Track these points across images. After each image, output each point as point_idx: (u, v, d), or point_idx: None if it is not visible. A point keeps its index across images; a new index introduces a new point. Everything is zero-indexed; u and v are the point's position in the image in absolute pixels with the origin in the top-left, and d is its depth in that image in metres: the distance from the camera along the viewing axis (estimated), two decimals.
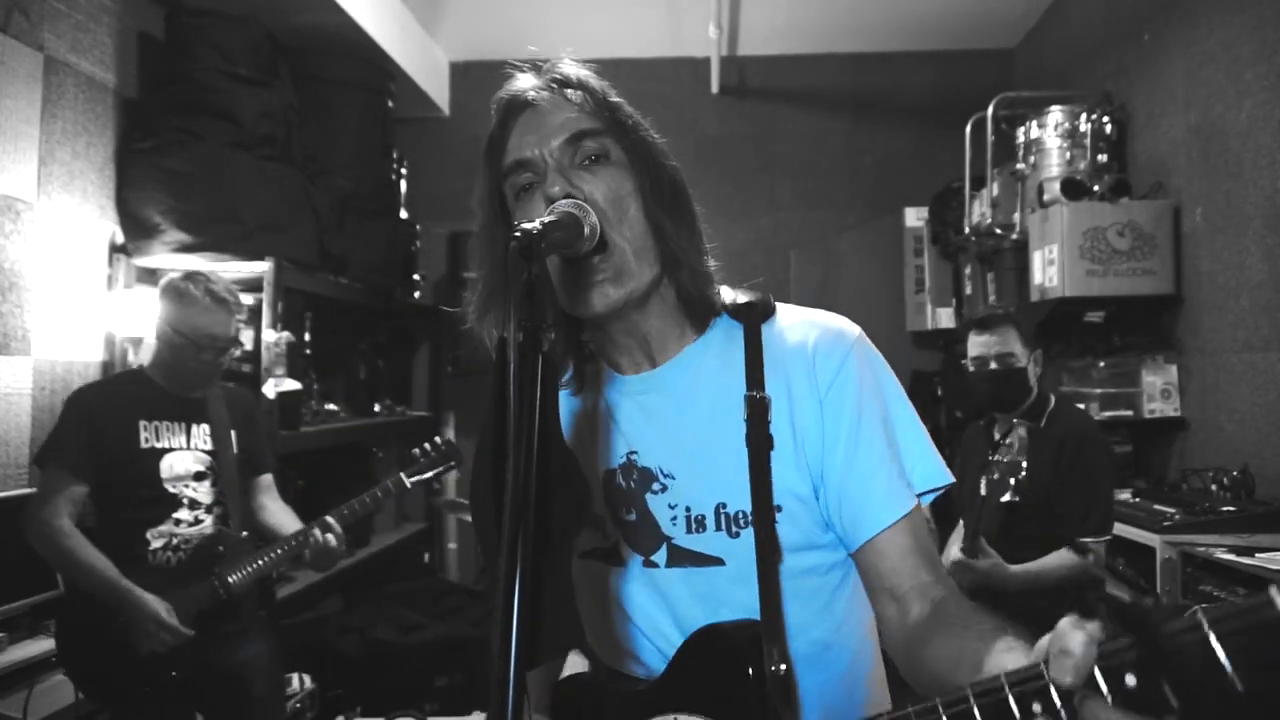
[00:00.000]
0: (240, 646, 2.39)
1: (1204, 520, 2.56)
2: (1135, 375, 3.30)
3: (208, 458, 2.39)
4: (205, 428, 2.40)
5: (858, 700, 1.00)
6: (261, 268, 3.23)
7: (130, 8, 3.36)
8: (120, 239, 3.25)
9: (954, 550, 2.32)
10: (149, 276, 3.33)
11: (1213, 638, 0.51)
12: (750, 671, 0.88)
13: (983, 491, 2.32)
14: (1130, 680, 0.54)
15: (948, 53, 5.05)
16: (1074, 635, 0.56)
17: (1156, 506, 2.74)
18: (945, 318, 4.62)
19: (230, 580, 2.27)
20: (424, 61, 4.82)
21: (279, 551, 2.33)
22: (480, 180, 0.99)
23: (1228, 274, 3.00)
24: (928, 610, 0.89)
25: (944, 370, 4.72)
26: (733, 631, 0.92)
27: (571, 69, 0.98)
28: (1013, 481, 2.28)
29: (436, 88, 5.05)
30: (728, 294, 1.03)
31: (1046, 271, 3.40)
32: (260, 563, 2.31)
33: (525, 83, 0.97)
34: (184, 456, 2.35)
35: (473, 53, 5.15)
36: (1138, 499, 2.93)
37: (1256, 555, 2.25)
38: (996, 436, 2.52)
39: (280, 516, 2.49)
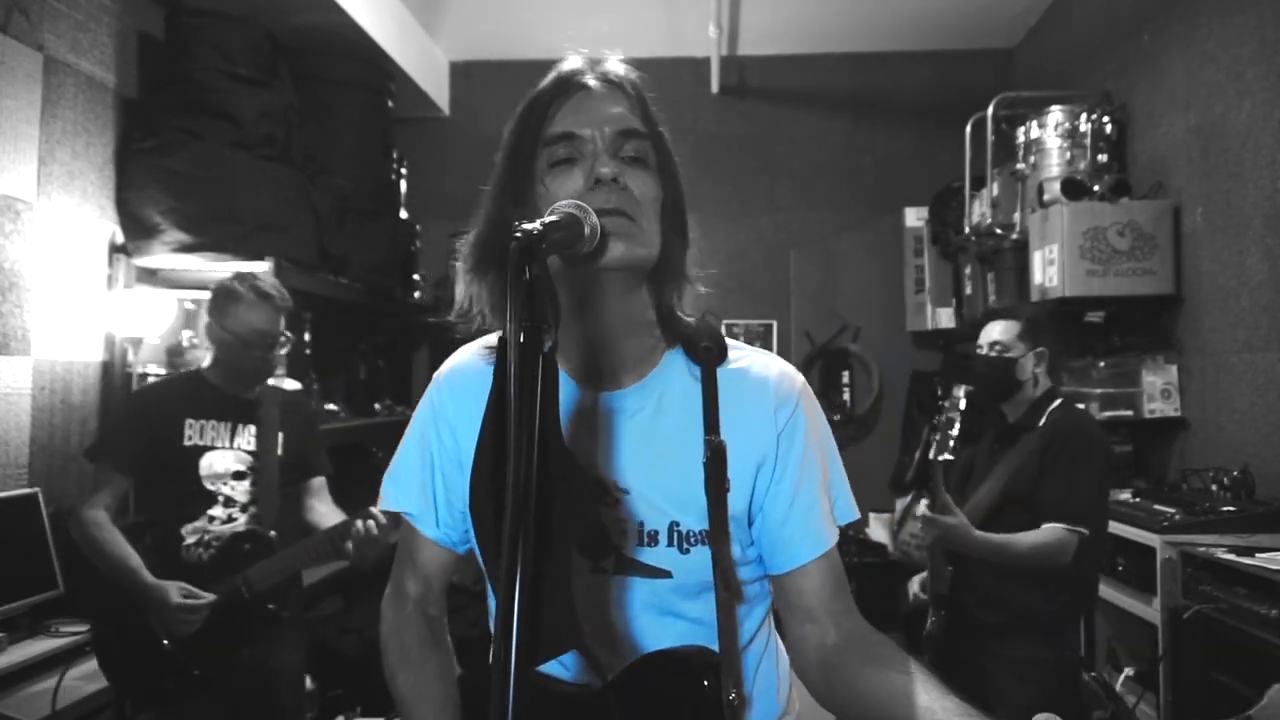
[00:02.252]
0: (276, 654, 2.41)
1: (1204, 520, 2.56)
2: (1135, 375, 3.30)
3: (250, 458, 2.41)
4: (252, 429, 2.43)
5: None
6: (261, 268, 3.22)
7: (130, 8, 3.36)
8: (120, 239, 3.26)
9: (920, 507, 2.41)
10: (149, 276, 3.34)
11: None
12: (705, 696, 0.94)
13: (931, 454, 2.48)
14: None
15: (947, 52, 5.05)
16: None
17: (1156, 506, 2.74)
18: (945, 318, 4.63)
19: (254, 579, 2.29)
20: (424, 61, 4.82)
21: (304, 550, 2.34)
22: (511, 135, 1.00)
23: (1228, 274, 3.00)
24: (843, 638, 1.01)
25: (944, 370, 4.72)
26: (690, 656, 0.98)
27: (625, 69, 1.02)
28: (950, 441, 2.46)
29: (436, 88, 5.05)
30: (684, 320, 1.07)
31: (1046, 271, 3.40)
32: (284, 561, 2.32)
33: (580, 65, 1.01)
34: (225, 455, 2.38)
35: (473, 53, 5.15)
36: (1138, 499, 2.93)
37: (1257, 555, 2.25)
38: (1009, 421, 2.58)
39: (329, 518, 2.50)
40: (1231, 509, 2.61)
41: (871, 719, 0.92)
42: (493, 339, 1.06)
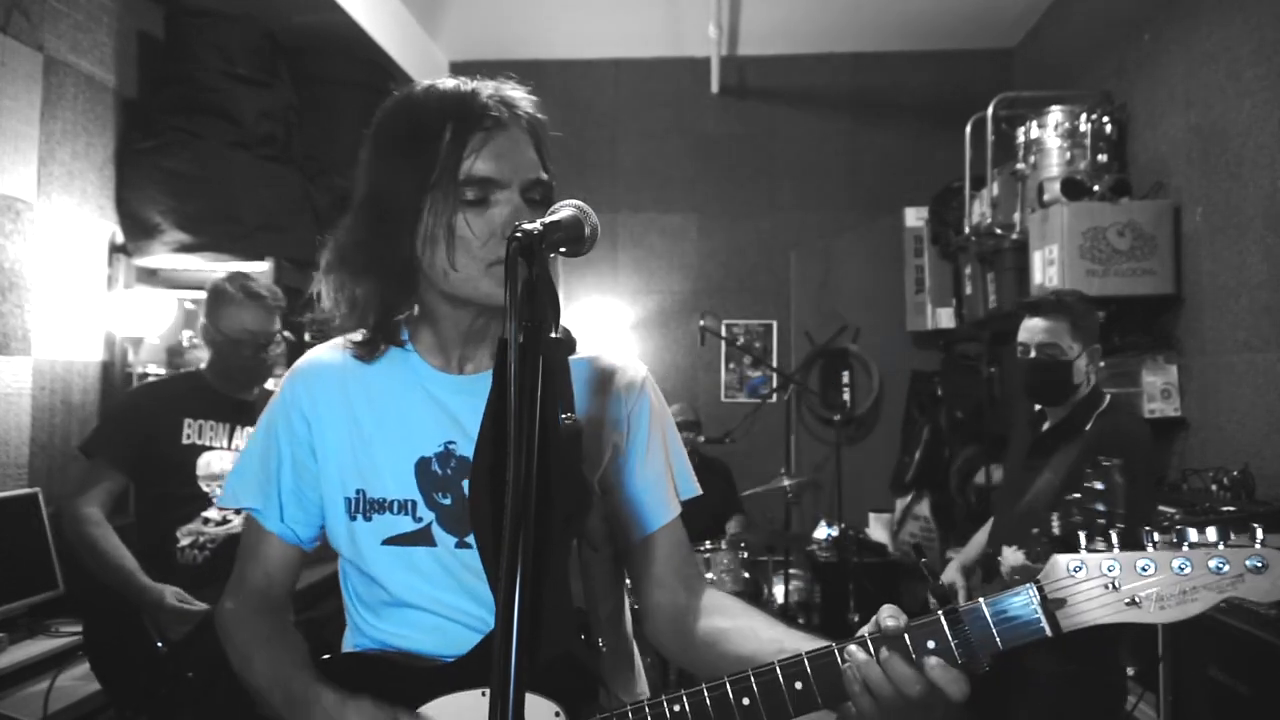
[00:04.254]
0: None
1: (1204, 520, 2.55)
2: (1135, 375, 3.30)
3: None
4: (249, 430, 2.40)
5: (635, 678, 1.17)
6: (261, 268, 3.23)
7: (130, 8, 3.36)
8: (120, 239, 3.26)
9: (1010, 554, 2.15)
10: (149, 276, 3.34)
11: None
12: (573, 647, 0.96)
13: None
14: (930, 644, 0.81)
15: (948, 52, 5.05)
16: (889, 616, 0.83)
17: (1157, 506, 2.74)
18: (945, 318, 4.63)
19: None
20: (424, 61, 4.82)
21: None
22: (408, 148, 1.00)
23: (1228, 274, 3.00)
24: (692, 598, 1.09)
25: (944, 370, 4.72)
26: (552, 613, 1.00)
27: (531, 104, 1.04)
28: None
29: None
30: None
31: (1046, 271, 3.39)
32: None
33: (491, 98, 1.01)
34: (222, 456, 2.37)
35: (473, 53, 5.15)
36: None
37: None
38: (1043, 428, 2.37)
39: None
40: (1232, 509, 2.60)
41: (725, 662, 0.97)
42: (354, 335, 1.10)
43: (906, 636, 0.81)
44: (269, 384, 2.54)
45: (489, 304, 0.99)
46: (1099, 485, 1.86)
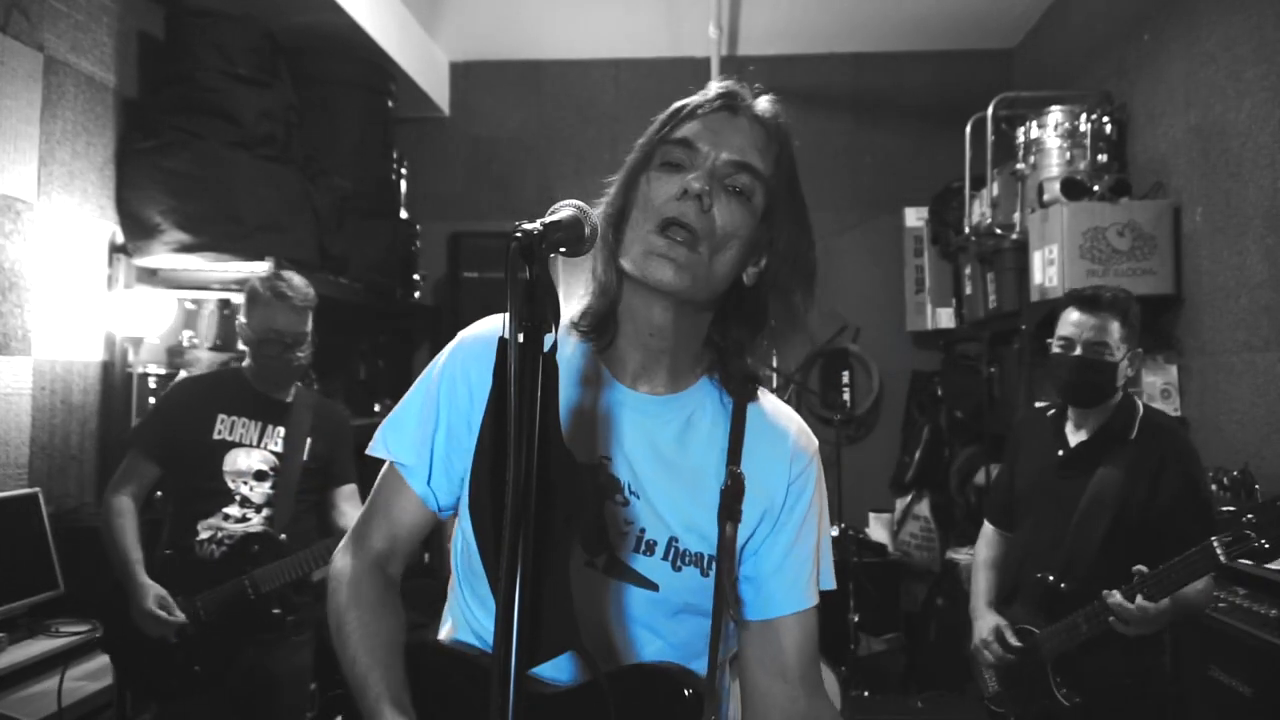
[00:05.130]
0: (279, 657, 2.40)
1: None
2: (1135, 375, 3.30)
3: (274, 459, 2.41)
4: (280, 431, 2.43)
5: None
6: (261, 268, 3.22)
7: (130, 7, 3.36)
8: (120, 239, 3.26)
9: (1121, 599, 1.89)
10: (149, 276, 3.34)
11: None
12: (685, 715, 0.93)
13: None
14: None
15: (948, 53, 5.05)
16: None
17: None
18: (945, 318, 4.63)
19: (260, 581, 2.29)
20: (424, 61, 4.82)
21: (311, 556, 2.33)
22: (650, 129, 1.05)
23: (1228, 274, 3.00)
24: (813, 711, 1.03)
25: (944, 370, 4.72)
26: (676, 674, 0.98)
27: (775, 112, 1.07)
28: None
29: (436, 88, 5.05)
30: (726, 351, 1.08)
31: (1046, 271, 3.39)
32: (292, 566, 2.32)
33: (735, 90, 1.06)
34: (250, 454, 2.39)
35: (473, 53, 5.14)
36: None
37: None
38: (1069, 434, 2.23)
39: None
40: (1231, 509, 2.60)
41: None
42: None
43: None
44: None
45: (643, 278, 0.95)
46: None
